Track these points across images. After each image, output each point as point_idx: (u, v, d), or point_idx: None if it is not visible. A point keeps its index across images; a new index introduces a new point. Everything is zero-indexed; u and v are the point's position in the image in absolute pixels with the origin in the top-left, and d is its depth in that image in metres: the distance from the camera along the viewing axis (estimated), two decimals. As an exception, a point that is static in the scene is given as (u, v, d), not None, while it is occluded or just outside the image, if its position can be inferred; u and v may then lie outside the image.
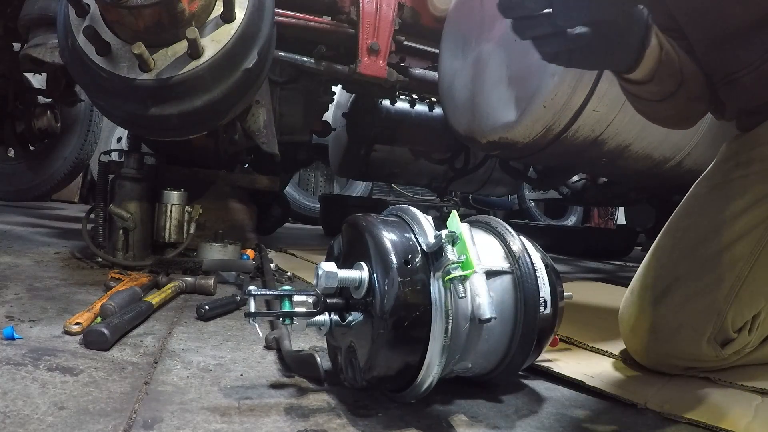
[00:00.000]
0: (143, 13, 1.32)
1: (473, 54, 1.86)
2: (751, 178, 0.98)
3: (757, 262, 0.95)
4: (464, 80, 1.90)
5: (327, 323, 0.74)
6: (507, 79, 1.70)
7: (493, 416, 0.76)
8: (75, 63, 1.46)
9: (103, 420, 0.63)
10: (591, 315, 1.44)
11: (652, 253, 1.05)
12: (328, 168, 5.00)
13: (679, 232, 1.02)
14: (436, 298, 0.68)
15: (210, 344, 0.97)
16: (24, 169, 3.22)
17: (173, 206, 1.73)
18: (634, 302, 1.02)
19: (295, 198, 4.91)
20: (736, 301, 0.95)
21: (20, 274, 1.40)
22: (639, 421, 0.80)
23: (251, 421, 0.67)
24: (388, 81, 2.24)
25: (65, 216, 3.28)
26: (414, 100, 3.19)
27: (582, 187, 2.92)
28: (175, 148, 2.04)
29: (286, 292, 0.72)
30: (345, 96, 3.35)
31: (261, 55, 1.55)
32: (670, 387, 0.93)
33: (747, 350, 0.99)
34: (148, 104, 1.43)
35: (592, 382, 0.90)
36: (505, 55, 1.71)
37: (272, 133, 2.05)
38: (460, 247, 0.68)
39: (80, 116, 3.18)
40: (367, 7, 2.17)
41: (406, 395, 0.73)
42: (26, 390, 0.69)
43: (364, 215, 0.77)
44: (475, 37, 1.86)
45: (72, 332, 0.93)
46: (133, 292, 1.15)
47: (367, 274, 0.70)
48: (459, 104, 1.94)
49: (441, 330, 0.67)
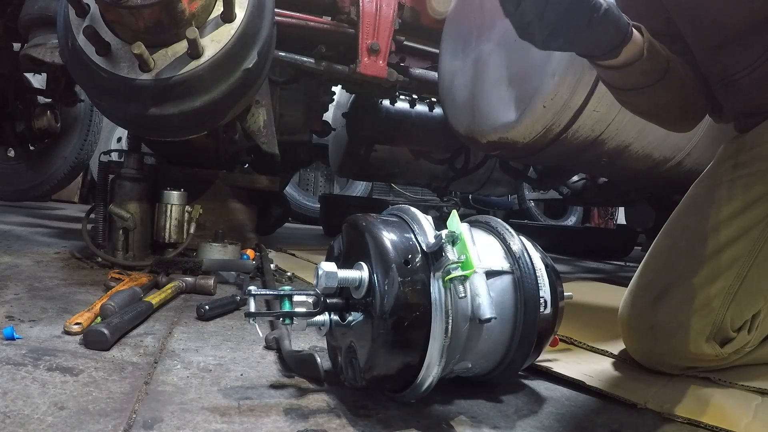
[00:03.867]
0: (143, 13, 1.32)
1: (473, 54, 1.86)
2: (749, 179, 0.98)
3: (755, 261, 0.95)
4: (464, 80, 1.91)
5: (327, 323, 0.74)
6: (507, 79, 1.70)
7: (493, 416, 0.76)
8: (75, 63, 1.46)
9: (103, 420, 0.63)
10: (591, 315, 1.44)
11: (651, 253, 1.05)
12: (328, 168, 5.00)
13: (677, 232, 1.02)
14: (436, 298, 0.68)
15: (210, 344, 0.97)
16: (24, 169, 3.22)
17: (173, 206, 1.73)
18: (634, 302, 1.02)
19: (295, 198, 4.91)
20: (735, 301, 0.95)
21: (20, 274, 1.40)
22: (639, 421, 0.80)
23: (251, 421, 0.67)
24: (388, 81, 2.25)
25: (65, 216, 3.28)
26: (414, 100, 3.19)
27: (582, 187, 2.91)
28: (175, 148, 2.04)
29: (286, 292, 0.72)
30: (345, 96, 3.35)
31: (261, 55, 1.55)
32: (670, 387, 0.93)
33: (747, 349, 1.00)
34: (148, 104, 1.43)
35: (592, 382, 0.90)
36: (505, 55, 1.71)
37: (272, 133, 2.05)
38: (460, 247, 0.68)
39: (80, 116, 3.18)
40: (367, 7, 2.17)
41: (406, 395, 0.73)
42: (26, 390, 0.69)
43: (365, 215, 0.77)
44: (475, 37, 1.86)
45: (72, 332, 0.93)
46: (133, 292, 1.15)
47: (367, 274, 0.70)
48: (459, 104, 1.94)
49: (441, 330, 0.67)
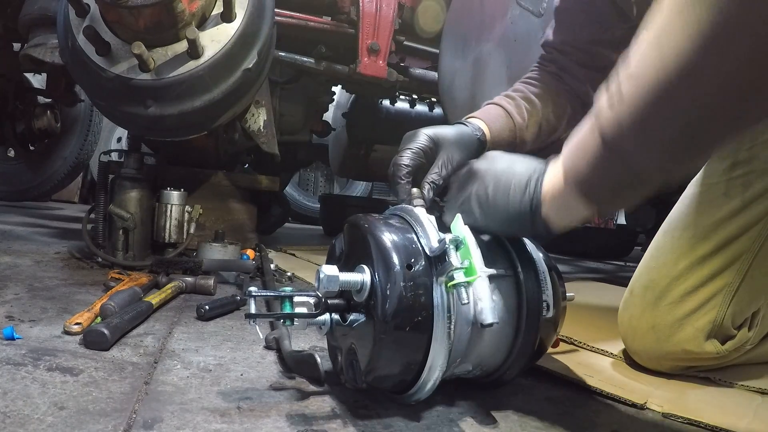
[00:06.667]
0: (143, 13, 1.32)
1: (473, 54, 1.86)
2: (748, 177, 0.98)
3: (755, 259, 0.95)
4: (464, 80, 1.90)
5: (328, 323, 0.73)
6: (507, 79, 1.70)
7: (493, 417, 0.76)
8: (75, 63, 1.46)
9: (103, 420, 0.63)
10: (591, 315, 1.44)
11: (650, 252, 1.05)
12: (328, 168, 4.99)
13: (677, 231, 1.02)
14: (438, 303, 0.67)
15: (210, 344, 0.97)
16: (24, 169, 3.22)
17: (173, 206, 1.73)
18: (634, 302, 1.02)
19: (295, 198, 4.91)
20: (735, 298, 0.95)
21: (20, 274, 1.40)
22: (639, 421, 0.80)
23: (251, 421, 0.67)
24: (388, 81, 2.25)
25: (65, 216, 3.28)
26: (414, 100, 3.19)
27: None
28: (175, 148, 2.04)
29: (286, 294, 0.72)
30: (345, 96, 3.35)
31: (261, 55, 1.55)
32: (670, 387, 0.93)
33: (748, 347, 1.00)
34: (148, 104, 1.43)
35: (592, 382, 0.90)
36: (505, 55, 1.71)
37: (272, 133, 2.05)
38: (464, 252, 0.67)
39: (80, 116, 3.18)
40: (367, 7, 2.17)
41: (408, 397, 0.73)
42: (26, 390, 0.69)
43: (367, 216, 0.76)
44: (475, 37, 1.86)
45: (72, 332, 0.93)
46: (133, 292, 1.15)
47: (368, 278, 0.69)
48: (459, 104, 1.94)
49: (443, 335, 0.67)
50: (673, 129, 0.54)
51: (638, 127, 0.55)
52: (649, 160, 0.57)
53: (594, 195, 0.63)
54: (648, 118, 0.54)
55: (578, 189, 0.63)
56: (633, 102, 0.55)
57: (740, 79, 0.48)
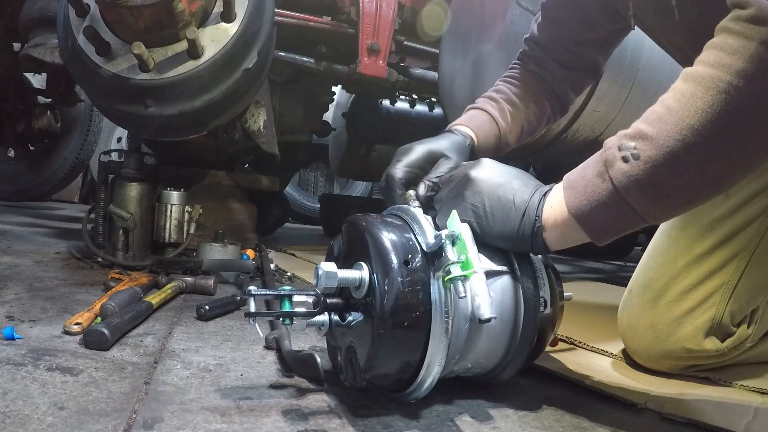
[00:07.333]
0: (143, 13, 1.32)
1: (473, 54, 1.86)
2: None
3: (753, 256, 0.95)
4: (464, 80, 1.90)
5: (327, 323, 0.74)
6: (507, 79, 1.70)
7: (493, 416, 0.76)
8: (75, 63, 1.46)
9: (103, 420, 0.63)
10: (591, 315, 1.44)
11: (649, 252, 1.05)
12: (328, 168, 5.00)
13: (675, 230, 1.02)
14: (436, 298, 0.68)
15: (210, 344, 0.97)
16: (24, 169, 3.23)
17: (173, 206, 1.73)
18: (633, 301, 1.02)
19: (295, 198, 4.91)
20: (734, 296, 0.95)
21: (20, 274, 1.40)
22: (639, 421, 0.80)
23: (251, 421, 0.67)
24: (388, 81, 2.25)
25: (65, 216, 3.28)
26: (414, 100, 3.19)
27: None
28: (175, 148, 2.04)
29: (286, 292, 0.72)
30: (345, 96, 3.35)
31: (261, 55, 1.55)
32: (670, 387, 0.93)
33: (747, 344, 1.00)
34: (148, 104, 1.43)
35: (591, 382, 0.90)
36: (505, 55, 1.71)
37: (272, 133, 2.05)
38: (460, 247, 0.67)
39: (80, 116, 3.19)
40: (367, 7, 2.18)
41: (407, 395, 0.73)
42: (26, 390, 0.69)
43: (365, 215, 0.76)
44: (475, 37, 1.86)
45: (72, 332, 0.93)
46: (133, 292, 1.15)
47: (367, 274, 0.70)
48: (459, 104, 1.94)
49: (441, 330, 0.67)
50: (689, 192, 0.61)
51: (653, 189, 0.61)
52: (660, 210, 0.63)
53: (597, 230, 0.68)
54: (665, 182, 0.60)
55: (582, 223, 0.68)
56: (651, 164, 0.60)
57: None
